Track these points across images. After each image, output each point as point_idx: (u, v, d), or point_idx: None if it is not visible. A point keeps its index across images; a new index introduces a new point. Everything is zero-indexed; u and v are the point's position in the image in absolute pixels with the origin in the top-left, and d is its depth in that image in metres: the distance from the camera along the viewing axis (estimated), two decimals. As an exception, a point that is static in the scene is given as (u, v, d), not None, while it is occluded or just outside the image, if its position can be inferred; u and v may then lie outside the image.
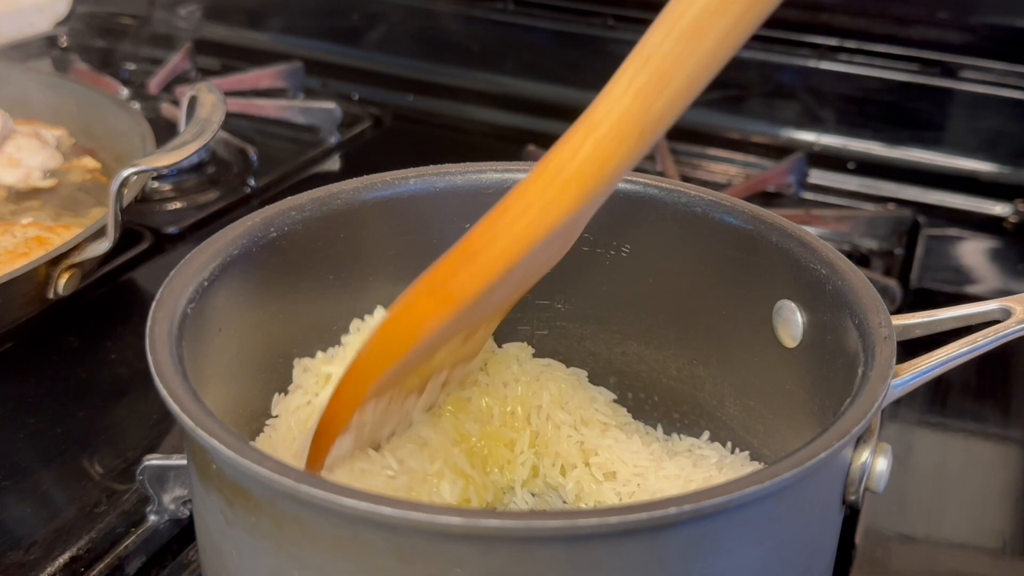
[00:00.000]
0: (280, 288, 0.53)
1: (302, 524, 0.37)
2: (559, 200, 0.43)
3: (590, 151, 0.42)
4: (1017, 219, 0.96)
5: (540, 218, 0.44)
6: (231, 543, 0.41)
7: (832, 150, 1.06)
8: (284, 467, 0.36)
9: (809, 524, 0.42)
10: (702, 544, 0.37)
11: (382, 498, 0.35)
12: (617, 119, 0.42)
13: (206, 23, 1.34)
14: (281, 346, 0.54)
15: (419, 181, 0.56)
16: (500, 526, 0.35)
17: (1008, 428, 0.69)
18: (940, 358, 0.47)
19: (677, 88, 0.41)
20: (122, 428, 0.66)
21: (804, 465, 0.37)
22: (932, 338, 0.49)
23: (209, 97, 0.74)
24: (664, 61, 0.41)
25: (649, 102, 0.41)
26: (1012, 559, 0.58)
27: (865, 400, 0.40)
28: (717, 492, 0.35)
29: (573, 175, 0.43)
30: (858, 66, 1.04)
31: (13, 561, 0.55)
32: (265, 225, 0.52)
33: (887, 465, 0.43)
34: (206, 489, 0.41)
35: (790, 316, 0.52)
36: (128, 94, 1.15)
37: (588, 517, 0.35)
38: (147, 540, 0.57)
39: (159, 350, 0.42)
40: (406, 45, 1.24)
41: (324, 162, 1.06)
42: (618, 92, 0.42)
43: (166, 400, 0.39)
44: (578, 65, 1.16)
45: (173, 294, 0.45)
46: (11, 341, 0.72)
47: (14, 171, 0.87)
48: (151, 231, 0.87)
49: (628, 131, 0.42)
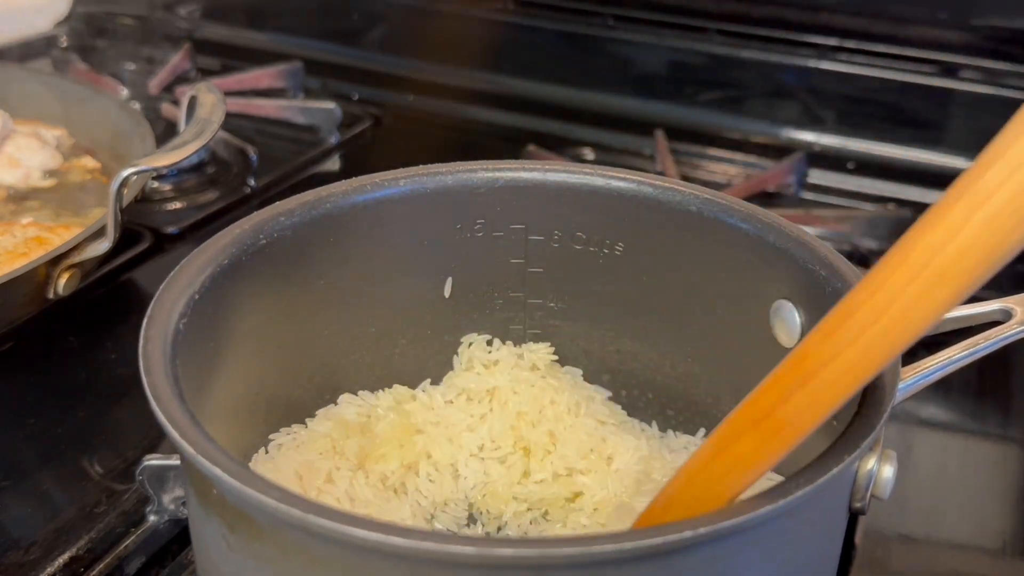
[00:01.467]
0: (271, 295, 0.52)
1: (308, 552, 0.36)
2: (928, 297, 0.33)
3: (977, 230, 0.31)
4: (1017, 219, 0.96)
5: (901, 322, 0.33)
6: (233, 568, 0.40)
7: (832, 150, 1.06)
8: (290, 496, 0.35)
9: (817, 535, 0.42)
10: (714, 564, 0.37)
11: (393, 527, 0.34)
12: (1017, 188, 0.31)
13: (206, 23, 1.34)
14: (273, 354, 0.54)
15: (409, 182, 0.56)
16: (514, 555, 0.34)
17: (1008, 428, 0.69)
18: (942, 360, 0.47)
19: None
20: (122, 428, 0.66)
21: (816, 482, 0.36)
22: (932, 339, 0.49)
23: (209, 97, 0.74)
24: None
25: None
26: (1012, 559, 0.58)
27: (873, 409, 0.40)
28: (731, 514, 0.35)
29: (951, 263, 0.32)
30: (858, 66, 1.04)
31: (13, 561, 0.55)
32: (254, 232, 0.51)
33: (893, 472, 0.42)
34: (207, 514, 0.40)
35: (788, 316, 0.52)
36: (128, 94, 1.15)
37: (603, 543, 0.34)
38: (147, 540, 0.57)
39: (154, 371, 0.40)
40: (406, 45, 1.24)
41: (324, 162, 1.06)
42: (1016, 156, 0.31)
43: (164, 426, 0.38)
44: (578, 65, 1.16)
45: (164, 309, 0.44)
46: (11, 341, 0.72)
47: (14, 171, 0.87)
48: (151, 231, 0.87)
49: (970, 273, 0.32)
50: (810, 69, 1.06)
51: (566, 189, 0.56)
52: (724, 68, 1.09)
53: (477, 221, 0.57)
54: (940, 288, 0.32)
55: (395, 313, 0.58)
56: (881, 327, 0.33)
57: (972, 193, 0.32)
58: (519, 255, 0.58)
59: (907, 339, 0.33)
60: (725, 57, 1.08)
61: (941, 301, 0.32)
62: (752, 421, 0.37)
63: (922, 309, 0.33)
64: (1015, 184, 0.31)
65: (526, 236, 0.57)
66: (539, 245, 0.56)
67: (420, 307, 0.59)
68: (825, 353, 0.35)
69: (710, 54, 1.10)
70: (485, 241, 0.58)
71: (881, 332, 0.33)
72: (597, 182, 0.56)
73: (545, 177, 0.56)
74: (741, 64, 1.08)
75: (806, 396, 0.36)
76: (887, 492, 0.42)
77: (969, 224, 0.31)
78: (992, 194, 0.31)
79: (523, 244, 0.58)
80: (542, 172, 0.56)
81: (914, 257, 0.33)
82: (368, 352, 0.58)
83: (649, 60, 1.13)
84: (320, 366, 0.57)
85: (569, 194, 0.55)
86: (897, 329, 0.33)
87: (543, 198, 0.56)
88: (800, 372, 0.36)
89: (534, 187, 0.56)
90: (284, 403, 0.55)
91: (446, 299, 0.59)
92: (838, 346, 0.34)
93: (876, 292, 0.34)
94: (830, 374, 0.35)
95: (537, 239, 0.56)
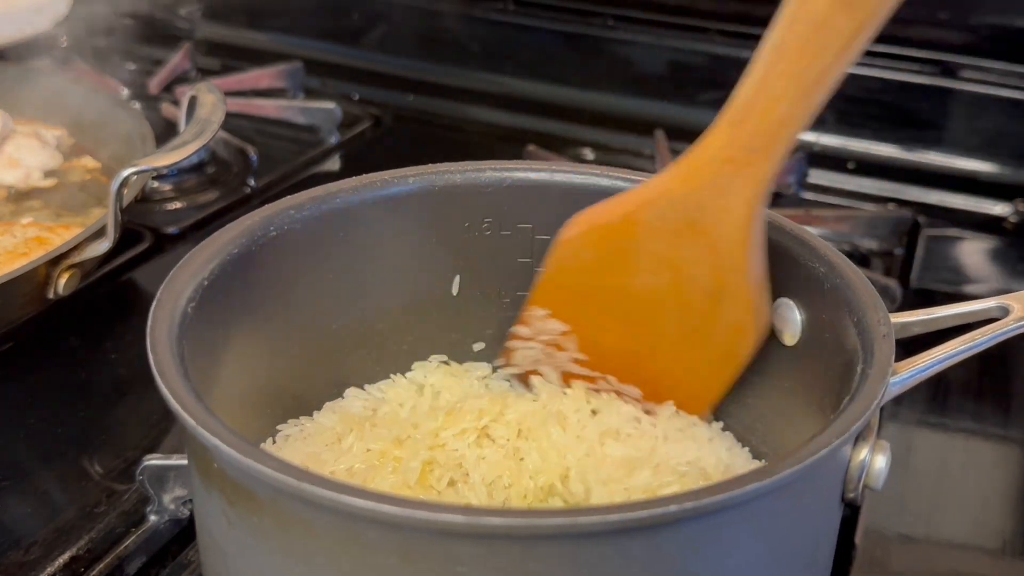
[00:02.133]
0: (279, 287, 0.53)
1: (306, 523, 0.37)
2: (733, 146, 0.47)
3: (768, 107, 0.45)
4: (1017, 219, 0.96)
5: (710, 154, 0.48)
6: (233, 544, 0.41)
7: (832, 150, 1.06)
8: (287, 466, 0.36)
9: (809, 521, 0.42)
10: (703, 541, 0.37)
11: (386, 496, 0.35)
12: (788, 77, 0.44)
13: (206, 23, 1.34)
14: (281, 346, 0.54)
15: (418, 180, 0.56)
16: (503, 524, 0.35)
17: (1008, 428, 0.69)
18: (938, 356, 0.47)
19: (834, 46, 0.43)
20: (122, 428, 0.66)
21: (805, 463, 0.37)
22: (931, 337, 0.49)
23: (209, 97, 0.74)
24: (820, 18, 0.42)
25: (813, 60, 0.43)
26: (1012, 559, 0.58)
27: (864, 398, 0.41)
28: (718, 489, 0.36)
29: (754, 127, 0.46)
30: (858, 66, 1.04)
31: (13, 561, 0.55)
32: (264, 224, 0.52)
33: (886, 462, 0.43)
34: (207, 490, 0.41)
35: (788, 314, 0.52)
36: (128, 94, 1.15)
37: (590, 515, 0.35)
38: (147, 540, 0.57)
39: (160, 350, 0.42)
40: (406, 45, 1.24)
41: (324, 162, 1.06)
42: (783, 52, 0.43)
43: (168, 399, 0.39)
44: (578, 65, 1.16)
45: (173, 293, 0.45)
46: (11, 341, 0.72)
47: (14, 171, 0.87)
48: (151, 231, 0.87)
49: (797, 90, 0.44)
50: (810, 69, 1.06)
51: (572, 189, 0.56)
52: (724, 68, 1.08)
53: (485, 220, 0.58)
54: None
55: (403, 309, 0.59)
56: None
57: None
58: (526, 254, 0.58)
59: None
60: (725, 57, 1.08)
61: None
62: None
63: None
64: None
65: (533, 235, 0.58)
66: (546, 244, 0.56)
67: (427, 304, 0.59)
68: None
69: (710, 54, 1.10)
70: (493, 240, 0.58)
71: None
72: (603, 182, 0.56)
73: (552, 177, 0.57)
74: (741, 64, 1.08)
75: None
76: (880, 483, 0.43)
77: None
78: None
79: (530, 243, 0.58)
80: (549, 172, 0.57)
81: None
82: (375, 348, 0.59)
83: (649, 60, 1.13)
84: (327, 360, 0.57)
85: (576, 194, 0.56)
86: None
87: (550, 198, 0.57)
88: None
89: (541, 187, 0.57)
90: (291, 395, 0.56)
91: (453, 297, 0.59)
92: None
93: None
94: None
95: (544, 239, 0.57)
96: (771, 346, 0.53)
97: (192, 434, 0.38)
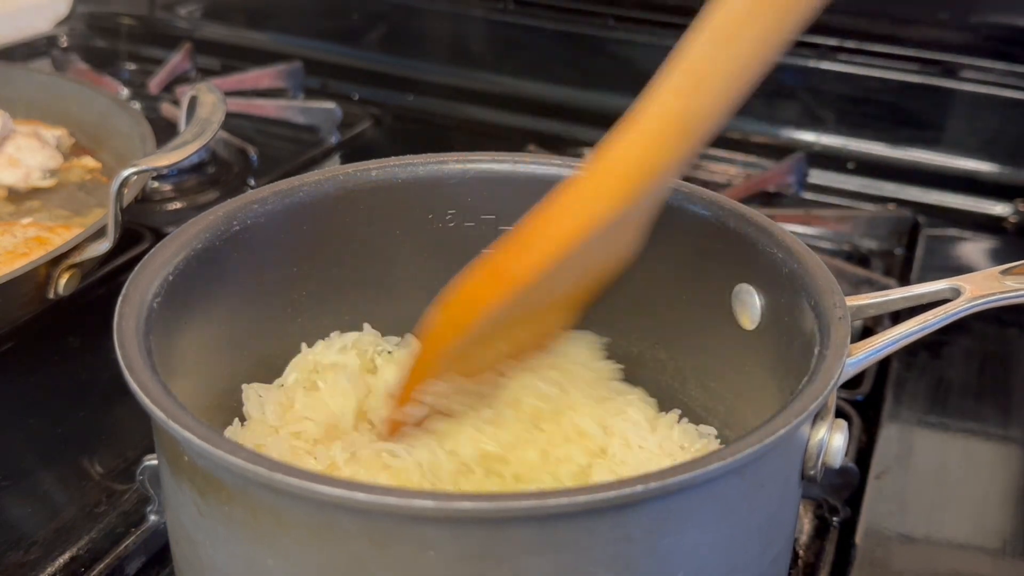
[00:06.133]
0: (244, 281, 0.53)
1: (276, 512, 0.37)
2: (610, 194, 0.45)
3: (640, 149, 0.44)
4: (1017, 219, 0.96)
5: (592, 210, 0.45)
6: (204, 534, 0.41)
7: (832, 150, 1.06)
8: (257, 456, 0.36)
9: (770, 499, 0.43)
10: (667, 520, 0.38)
11: (354, 484, 0.36)
12: (661, 118, 0.43)
13: (206, 23, 1.34)
14: (246, 339, 0.55)
15: (381, 172, 0.57)
16: (472, 508, 0.35)
17: (1008, 428, 0.69)
18: (892, 336, 0.48)
19: (713, 88, 0.42)
20: (122, 428, 0.66)
21: (764, 442, 0.38)
22: (883, 317, 0.49)
23: (209, 97, 0.74)
24: (698, 63, 0.42)
25: (688, 102, 0.42)
26: (1012, 559, 0.58)
27: (822, 378, 0.41)
28: (681, 470, 0.36)
29: (624, 171, 0.45)
30: (858, 66, 1.04)
31: (13, 561, 0.56)
32: (227, 219, 0.52)
33: (843, 441, 0.44)
34: (178, 481, 0.41)
35: (748, 299, 0.53)
36: (128, 94, 1.15)
37: (557, 497, 0.35)
38: (147, 540, 0.57)
39: (128, 344, 0.42)
40: (406, 45, 1.24)
41: (324, 162, 1.06)
42: (661, 93, 0.43)
43: (136, 393, 0.39)
44: (578, 65, 1.16)
45: (139, 289, 0.46)
46: (11, 341, 0.72)
47: (14, 171, 0.87)
48: (151, 231, 0.87)
49: (674, 129, 0.43)
50: (810, 69, 1.06)
51: (536, 180, 0.57)
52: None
53: (448, 212, 0.58)
54: (620, 186, 0.45)
55: (368, 302, 0.59)
56: (577, 212, 0.45)
57: (635, 121, 0.44)
58: (490, 245, 0.58)
59: (596, 223, 0.45)
60: (725, 57, 1.08)
61: (621, 197, 0.45)
62: (490, 273, 0.48)
63: (607, 202, 0.45)
64: (660, 115, 0.44)
65: (496, 227, 0.58)
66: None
67: (393, 296, 0.59)
68: (540, 228, 0.47)
69: (710, 54, 1.09)
70: (457, 231, 0.59)
71: (576, 217, 0.45)
72: (566, 173, 0.56)
73: (515, 168, 0.58)
74: (741, 64, 1.08)
75: (527, 258, 0.47)
76: (838, 461, 0.44)
77: (635, 143, 0.45)
78: (648, 122, 0.44)
79: (494, 234, 0.58)
80: (512, 163, 0.58)
81: (602, 166, 0.45)
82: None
83: (649, 60, 1.12)
84: (292, 352, 0.57)
85: (539, 185, 0.55)
86: (588, 215, 0.45)
87: (513, 189, 0.57)
88: (524, 241, 0.47)
89: (504, 178, 0.58)
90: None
91: (418, 289, 0.58)
92: (550, 224, 0.46)
93: (576, 190, 0.46)
94: (542, 244, 0.46)
95: (507, 229, 0.57)
96: (732, 330, 0.53)
97: (161, 427, 0.38)
